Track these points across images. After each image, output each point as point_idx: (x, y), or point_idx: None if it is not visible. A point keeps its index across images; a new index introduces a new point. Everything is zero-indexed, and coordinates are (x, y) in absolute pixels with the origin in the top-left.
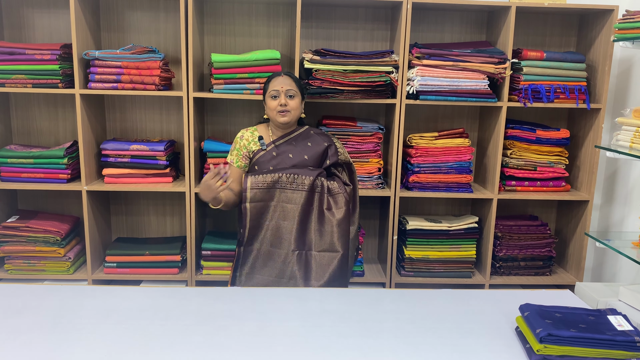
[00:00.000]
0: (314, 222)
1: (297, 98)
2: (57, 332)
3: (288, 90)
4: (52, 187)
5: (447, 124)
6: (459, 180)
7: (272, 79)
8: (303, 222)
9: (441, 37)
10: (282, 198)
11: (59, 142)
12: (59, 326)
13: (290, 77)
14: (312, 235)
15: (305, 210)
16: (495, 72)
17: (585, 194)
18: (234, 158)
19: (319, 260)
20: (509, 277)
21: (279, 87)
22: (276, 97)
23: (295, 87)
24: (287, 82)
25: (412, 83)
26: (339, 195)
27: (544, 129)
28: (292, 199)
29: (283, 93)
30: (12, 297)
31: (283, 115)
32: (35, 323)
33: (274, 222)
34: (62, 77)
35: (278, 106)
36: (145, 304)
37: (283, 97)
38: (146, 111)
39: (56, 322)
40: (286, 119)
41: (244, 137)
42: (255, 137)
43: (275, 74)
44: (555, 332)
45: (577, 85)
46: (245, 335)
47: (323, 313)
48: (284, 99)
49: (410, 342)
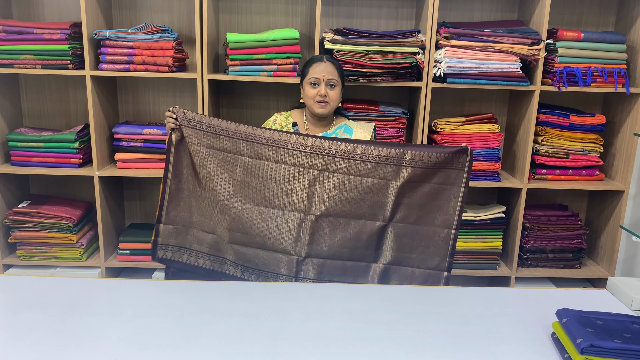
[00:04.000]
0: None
1: (337, 88)
2: (68, 329)
3: (330, 80)
4: (64, 172)
5: (474, 108)
6: (487, 168)
7: (313, 63)
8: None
9: (470, 15)
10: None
11: (70, 125)
12: (69, 323)
13: (333, 64)
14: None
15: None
16: (529, 54)
17: (620, 183)
18: None
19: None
20: (536, 269)
21: (320, 75)
22: (316, 85)
23: (337, 75)
24: (330, 69)
25: (439, 65)
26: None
27: (578, 114)
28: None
29: (324, 82)
30: (22, 290)
31: (322, 106)
32: (44, 319)
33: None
34: (72, 57)
35: (317, 96)
36: (159, 300)
37: (324, 86)
38: (159, 93)
39: (66, 318)
40: (324, 111)
41: (277, 121)
42: (289, 122)
43: (316, 57)
44: (598, 343)
45: (616, 68)
46: (263, 336)
47: (344, 313)
48: (324, 89)
49: (438, 347)
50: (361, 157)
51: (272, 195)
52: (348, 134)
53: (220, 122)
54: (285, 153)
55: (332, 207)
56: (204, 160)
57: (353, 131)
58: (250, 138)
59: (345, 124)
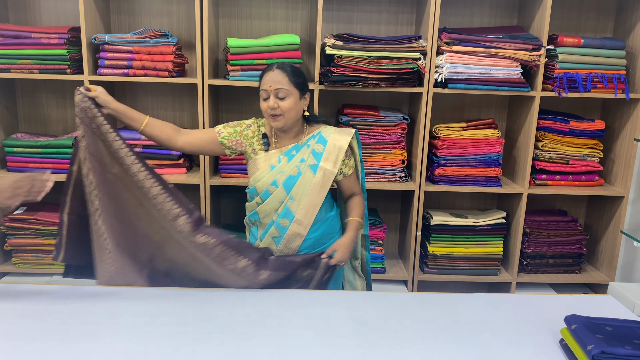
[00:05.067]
0: None
1: (290, 97)
2: (67, 338)
3: (278, 90)
4: (61, 177)
5: (474, 113)
6: (488, 173)
7: (264, 74)
8: None
9: (470, 21)
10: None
11: (68, 131)
12: (68, 331)
13: (284, 71)
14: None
15: None
16: (530, 60)
17: (620, 189)
18: (224, 132)
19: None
20: (537, 274)
21: (267, 85)
22: (267, 99)
23: (288, 83)
24: (278, 78)
25: (440, 70)
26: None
27: (578, 120)
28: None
29: (272, 93)
30: (18, 298)
31: (274, 120)
32: (43, 328)
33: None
34: (70, 62)
35: (268, 109)
36: (160, 307)
37: (272, 98)
38: (158, 99)
39: (66, 326)
40: (279, 124)
41: (251, 127)
42: (260, 133)
43: (267, 67)
44: (609, 350)
45: (615, 74)
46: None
47: (349, 319)
48: (273, 101)
49: (446, 355)
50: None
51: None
52: (322, 144)
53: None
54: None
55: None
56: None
57: (328, 141)
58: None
59: (320, 133)
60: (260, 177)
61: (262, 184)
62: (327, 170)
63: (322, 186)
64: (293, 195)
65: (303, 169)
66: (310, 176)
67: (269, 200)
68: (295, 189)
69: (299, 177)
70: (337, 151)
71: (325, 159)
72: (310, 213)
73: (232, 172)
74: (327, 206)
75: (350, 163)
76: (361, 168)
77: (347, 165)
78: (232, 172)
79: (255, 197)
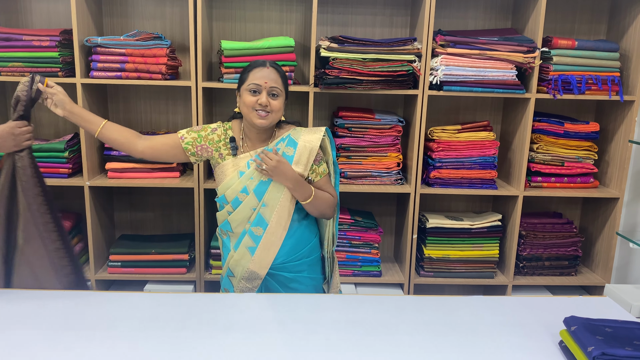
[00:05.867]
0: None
1: (281, 98)
2: (61, 345)
3: (273, 88)
4: (53, 182)
5: (469, 116)
6: (483, 176)
7: (254, 68)
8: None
9: (464, 24)
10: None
11: (59, 135)
12: (62, 338)
13: (277, 71)
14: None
15: None
16: (525, 62)
17: (615, 190)
18: (187, 138)
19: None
20: (533, 277)
21: (262, 81)
22: (256, 93)
23: (281, 84)
24: (273, 76)
25: (435, 73)
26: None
27: (572, 122)
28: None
29: (265, 90)
30: (10, 304)
31: (262, 116)
32: (36, 335)
33: None
34: (62, 65)
35: (257, 104)
36: (154, 313)
37: (265, 95)
38: (151, 102)
39: (59, 333)
40: (265, 122)
41: (216, 131)
42: (227, 136)
43: (257, 62)
44: (610, 351)
45: (610, 76)
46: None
47: (346, 323)
48: (265, 97)
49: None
50: None
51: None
52: (292, 146)
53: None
54: None
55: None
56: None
57: (298, 143)
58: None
59: (289, 136)
60: (229, 184)
61: (232, 191)
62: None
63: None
64: (265, 202)
65: None
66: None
67: (240, 209)
68: (268, 195)
69: (270, 182)
70: (308, 153)
71: (296, 162)
72: (285, 219)
73: None
74: (302, 209)
75: (319, 170)
76: (335, 170)
77: (315, 172)
78: None
79: (225, 206)
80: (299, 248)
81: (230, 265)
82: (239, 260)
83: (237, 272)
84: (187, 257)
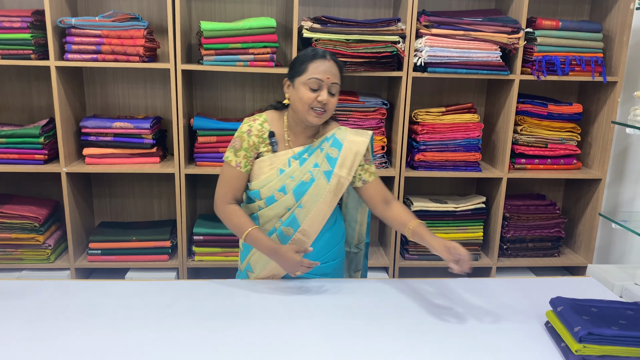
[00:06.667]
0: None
1: (337, 95)
2: (39, 335)
3: (333, 85)
4: (28, 168)
5: (452, 98)
6: (467, 158)
7: (315, 60)
8: None
9: (448, 4)
10: None
11: (34, 120)
12: (40, 328)
13: (337, 64)
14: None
15: None
16: (509, 43)
17: (597, 172)
18: (240, 160)
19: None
20: (517, 259)
21: (324, 76)
22: (315, 90)
23: (340, 79)
24: (334, 71)
25: (420, 54)
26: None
27: (556, 104)
28: None
29: (327, 86)
30: None
31: (318, 115)
32: (13, 325)
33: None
34: (34, 47)
35: (315, 102)
36: (136, 301)
37: (326, 91)
38: (129, 85)
39: (37, 323)
40: (320, 121)
41: (252, 132)
42: (265, 131)
43: (317, 52)
44: (597, 331)
45: (593, 57)
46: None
47: (333, 307)
48: (325, 95)
49: (431, 340)
50: None
51: None
52: (336, 148)
53: None
54: None
55: None
56: None
57: (343, 145)
58: None
59: (334, 136)
60: (266, 181)
61: (268, 189)
62: (341, 178)
63: (334, 195)
64: (303, 204)
65: (317, 175)
66: (324, 184)
67: (274, 206)
68: (306, 197)
69: (311, 184)
70: (354, 156)
71: (340, 165)
72: (318, 223)
73: (208, 160)
74: (334, 214)
75: (372, 169)
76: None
77: (368, 171)
78: (208, 160)
79: (257, 200)
80: (325, 251)
81: (251, 261)
82: (261, 257)
83: (257, 269)
84: (169, 244)
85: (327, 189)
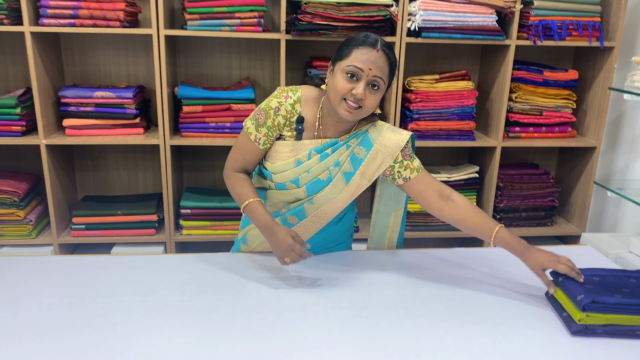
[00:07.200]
0: None
1: (380, 92)
2: (22, 314)
3: (375, 79)
4: (5, 141)
5: (446, 65)
6: (461, 127)
7: (360, 46)
8: None
9: None
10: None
11: (9, 90)
12: (23, 306)
13: (388, 56)
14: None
15: None
16: (505, 6)
17: (592, 140)
18: (260, 137)
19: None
20: (510, 228)
21: (366, 66)
22: (354, 78)
23: (387, 74)
24: (380, 63)
25: (413, 18)
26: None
27: (552, 70)
28: None
29: (367, 78)
30: None
31: (350, 110)
32: None
33: None
34: (7, 11)
35: (349, 94)
36: (123, 276)
37: (364, 84)
38: (110, 52)
39: (20, 301)
40: (351, 117)
41: (280, 110)
42: (294, 115)
43: (368, 38)
44: (600, 299)
45: (590, 21)
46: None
47: (326, 279)
48: (362, 89)
49: (430, 311)
50: None
51: None
52: (365, 147)
53: None
54: None
55: None
56: None
57: (373, 145)
58: None
59: (367, 132)
60: (280, 169)
61: (281, 177)
62: (361, 183)
63: (349, 197)
64: (314, 200)
65: (335, 175)
66: (341, 185)
67: (284, 192)
68: (319, 195)
69: (327, 183)
70: (383, 156)
71: (364, 167)
72: (324, 220)
73: (194, 130)
74: (342, 213)
75: (413, 164)
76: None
77: (409, 167)
78: (194, 130)
79: (268, 180)
80: (326, 245)
81: (247, 234)
82: (259, 235)
83: (252, 244)
84: (155, 218)
85: (343, 191)
